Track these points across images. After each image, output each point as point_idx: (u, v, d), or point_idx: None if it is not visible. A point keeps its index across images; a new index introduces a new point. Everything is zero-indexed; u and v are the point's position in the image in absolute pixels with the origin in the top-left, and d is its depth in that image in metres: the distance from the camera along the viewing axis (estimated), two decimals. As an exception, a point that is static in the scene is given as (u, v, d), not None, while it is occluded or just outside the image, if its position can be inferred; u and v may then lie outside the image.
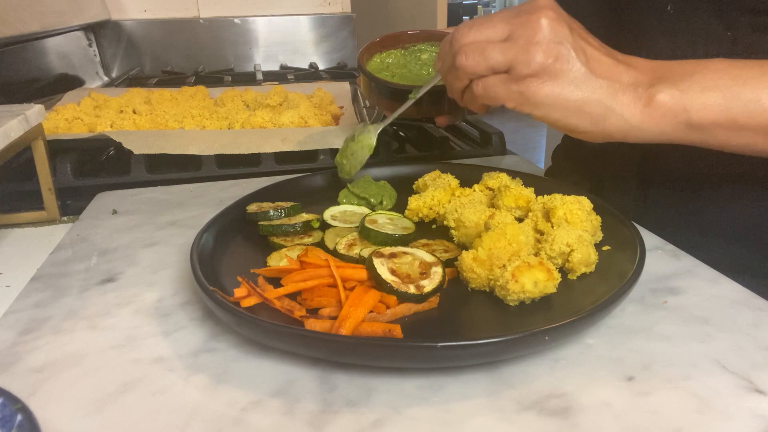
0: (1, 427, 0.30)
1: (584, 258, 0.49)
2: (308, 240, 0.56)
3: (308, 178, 0.70)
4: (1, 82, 1.11)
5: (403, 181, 0.69)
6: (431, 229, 0.60)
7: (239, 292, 0.44)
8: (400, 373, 0.39)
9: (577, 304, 0.45)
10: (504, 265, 0.46)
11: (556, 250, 0.49)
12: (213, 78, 1.52)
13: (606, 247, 0.53)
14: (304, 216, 0.60)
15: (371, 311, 0.44)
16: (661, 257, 0.55)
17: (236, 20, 1.76)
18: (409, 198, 0.62)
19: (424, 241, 0.56)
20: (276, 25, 1.80)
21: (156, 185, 0.78)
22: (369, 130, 0.67)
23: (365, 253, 0.51)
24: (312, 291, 0.46)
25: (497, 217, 0.53)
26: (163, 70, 1.68)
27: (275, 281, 0.48)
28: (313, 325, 0.41)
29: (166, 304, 0.49)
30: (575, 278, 0.49)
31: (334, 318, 0.42)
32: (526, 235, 0.50)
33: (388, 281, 0.46)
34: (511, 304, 0.45)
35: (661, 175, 0.66)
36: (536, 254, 0.50)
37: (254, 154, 0.82)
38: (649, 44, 0.62)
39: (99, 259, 0.57)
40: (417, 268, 0.49)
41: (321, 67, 1.77)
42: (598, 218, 0.55)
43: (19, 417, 0.30)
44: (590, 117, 0.49)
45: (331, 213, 0.62)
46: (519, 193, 0.59)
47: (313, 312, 0.44)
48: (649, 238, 0.59)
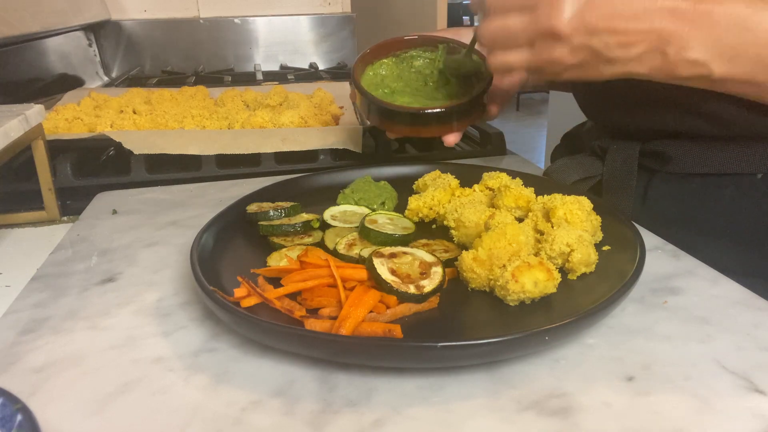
0: (1, 427, 0.30)
1: (584, 258, 0.49)
2: (308, 240, 0.56)
3: (308, 178, 0.70)
4: (1, 82, 1.11)
5: (403, 181, 0.69)
6: (431, 229, 0.60)
7: (239, 292, 0.44)
8: (400, 373, 0.39)
9: (577, 304, 0.45)
10: (504, 265, 0.46)
11: (556, 250, 0.49)
12: (213, 78, 1.52)
13: (606, 247, 0.53)
14: (304, 216, 0.60)
15: (371, 311, 0.44)
16: (661, 257, 0.55)
17: (236, 20, 1.76)
18: (409, 198, 0.62)
19: (424, 241, 0.56)
20: (276, 25, 1.80)
21: (156, 185, 0.78)
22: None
23: (365, 253, 0.51)
24: (312, 291, 0.46)
25: (497, 217, 0.53)
26: (163, 70, 1.68)
27: (275, 281, 0.48)
28: (313, 325, 0.41)
29: (166, 304, 0.49)
30: (575, 278, 0.49)
31: (334, 318, 0.42)
32: (526, 235, 0.50)
33: (388, 281, 0.46)
34: (511, 304, 0.45)
35: (660, 175, 0.66)
36: (536, 254, 0.50)
37: (254, 154, 0.82)
38: None
39: (99, 259, 0.57)
40: (417, 268, 0.49)
41: (321, 67, 1.77)
42: (598, 218, 0.55)
43: (19, 417, 0.30)
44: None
45: (331, 213, 0.62)
46: (519, 193, 0.59)
47: (313, 312, 0.44)
48: (649, 238, 0.59)
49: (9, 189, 0.74)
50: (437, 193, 0.61)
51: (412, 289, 0.46)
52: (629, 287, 0.44)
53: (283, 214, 0.60)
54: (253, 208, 0.61)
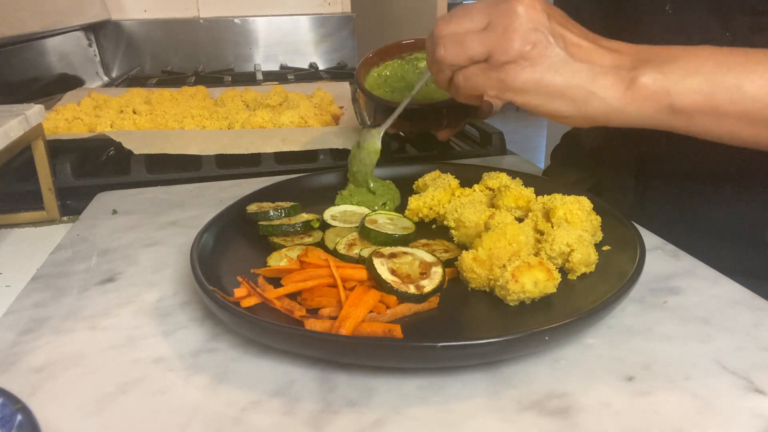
0: (1, 427, 0.30)
1: (584, 258, 0.49)
2: (308, 240, 0.56)
3: (308, 178, 0.70)
4: (1, 82, 1.11)
5: (403, 181, 0.69)
6: (431, 229, 0.60)
7: (239, 292, 0.44)
8: (400, 373, 0.39)
9: (577, 304, 0.45)
10: (504, 265, 0.46)
11: (556, 250, 0.49)
12: (213, 78, 1.52)
13: (606, 247, 0.53)
14: (304, 216, 0.60)
15: (371, 311, 0.44)
16: (661, 257, 0.55)
17: (236, 20, 1.76)
18: (409, 198, 0.62)
19: (424, 241, 0.56)
20: (276, 25, 1.80)
21: (156, 185, 0.78)
22: (372, 135, 0.67)
23: (365, 253, 0.51)
24: (312, 291, 0.46)
25: (497, 217, 0.53)
26: (163, 70, 1.68)
27: (275, 281, 0.48)
28: (313, 325, 0.41)
29: (166, 304, 0.49)
30: (575, 278, 0.49)
31: (334, 318, 0.42)
32: (526, 235, 0.50)
33: (388, 281, 0.46)
34: (511, 304, 0.45)
35: (659, 175, 0.66)
36: (536, 254, 0.50)
37: (254, 154, 0.82)
38: (647, 43, 0.62)
39: (99, 259, 0.57)
40: (417, 268, 0.49)
41: (321, 67, 1.77)
42: (598, 218, 0.55)
43: (19, 417, 0.30)
44: (572, 101, 0.49)
45: (331, 213, 0.62)
46: (519, 193, 0.59)
47: (313, 312, 0.44)
48: (649, 238, 0.58)
49: (9, 189, 0.74)
50: (437, 193, 0.61)
51: (412, 289, 0.46)
52: (629, 287, 0.44)
53: (283, 214, 0.60)
54: (253, 208, 0.61)
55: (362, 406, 0.37)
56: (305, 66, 1.76)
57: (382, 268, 0.47)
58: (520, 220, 0.56)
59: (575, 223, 0.52)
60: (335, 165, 0.83)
